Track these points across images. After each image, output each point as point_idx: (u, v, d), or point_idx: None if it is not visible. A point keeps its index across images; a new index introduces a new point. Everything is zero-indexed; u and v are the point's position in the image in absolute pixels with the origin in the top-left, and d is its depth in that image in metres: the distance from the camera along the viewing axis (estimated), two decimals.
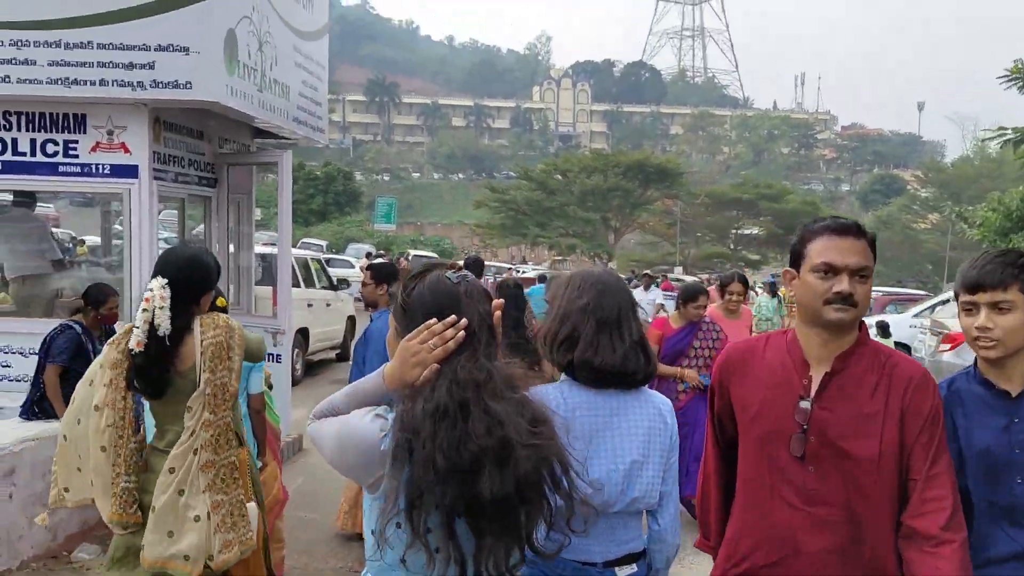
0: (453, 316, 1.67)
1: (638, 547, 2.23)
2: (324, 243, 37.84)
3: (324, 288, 13.59)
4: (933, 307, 14.62)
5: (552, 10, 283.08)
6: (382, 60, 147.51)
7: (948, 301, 14.27)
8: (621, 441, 2.14)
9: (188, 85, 5.53)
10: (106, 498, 2.82)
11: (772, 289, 15.29)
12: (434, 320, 1.68)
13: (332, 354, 13.51)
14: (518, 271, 31.93)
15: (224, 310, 3.79)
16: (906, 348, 13.44)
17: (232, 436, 2.87)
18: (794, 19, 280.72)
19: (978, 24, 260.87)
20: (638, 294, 15.12)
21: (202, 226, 7.42)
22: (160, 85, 5.52)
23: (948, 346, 10.60)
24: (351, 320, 14.14)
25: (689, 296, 5.80)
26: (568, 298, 2.21)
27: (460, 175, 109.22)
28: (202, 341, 2.78)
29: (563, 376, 2.21)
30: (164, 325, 2.70)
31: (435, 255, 38.17)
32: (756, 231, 58.36)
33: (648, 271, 38.07)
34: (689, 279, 40.50)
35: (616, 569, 2.17)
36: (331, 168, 46.55)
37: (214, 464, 2.79)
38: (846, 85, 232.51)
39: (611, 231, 53.18)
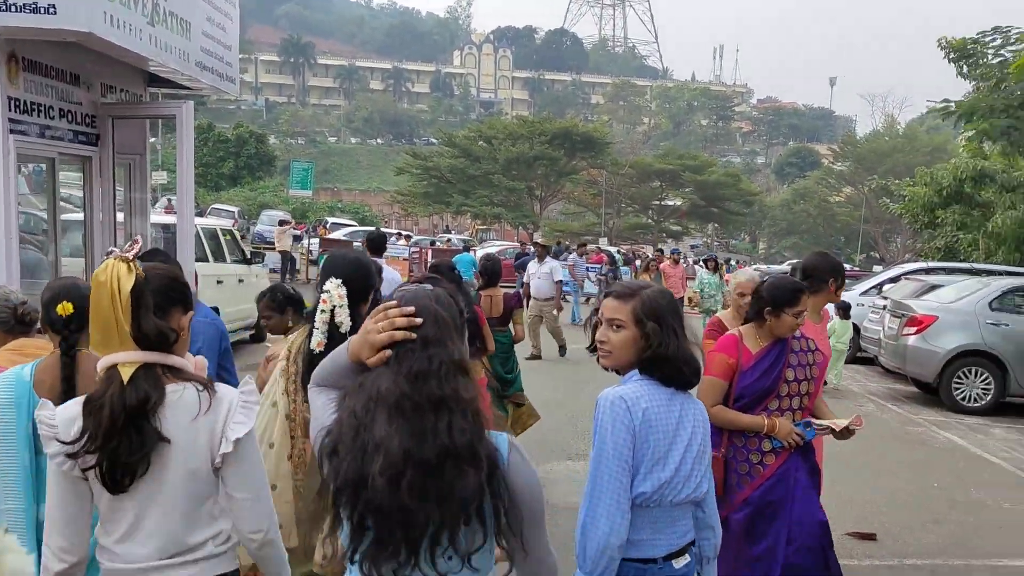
0: (411, 308, 1.71)
1: (691, 536, 2.36)
2: (236, 209, 35.86)
3: (237, 262, 12.27)
4: (880, 285, 14.11)
5: None
6: (297, 20, 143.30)
7: (898, 279, 13.82)
8: (689, 435, 2.28)
9: (51, 9, 4.22)
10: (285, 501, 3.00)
11: (714, 264, 14.66)
12: (394, 304, 1.73)
13: (246, 335, 12.25)
14: (444, 243, 30.79)
15: (70, 319, 2.52)
16: (855, 329, 12.93)
17: None
18: None
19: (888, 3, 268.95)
20: (531, 267, 12.97)
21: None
22: (13, 8, 4.20)
23: (914, 329, 10.01)
24: None
25: (784, 297, 3.30)
26: (654, 309, 2.30)
27: (378, 140, 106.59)
28: None
29: (634, 374, 2.33)
30: (346, 322, 2.80)
31: (354, 223, 36.62)
32: (679, 202, 58.38)
33: (558, 240, 37.30)
34: (613, 249, 40.06)
35: (673, 561, 2.28)
36: (243, 130, 44.10)
37: None
38: (761, 59, 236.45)
39: (536, 200, 52.21)
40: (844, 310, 11.26)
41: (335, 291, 2.80)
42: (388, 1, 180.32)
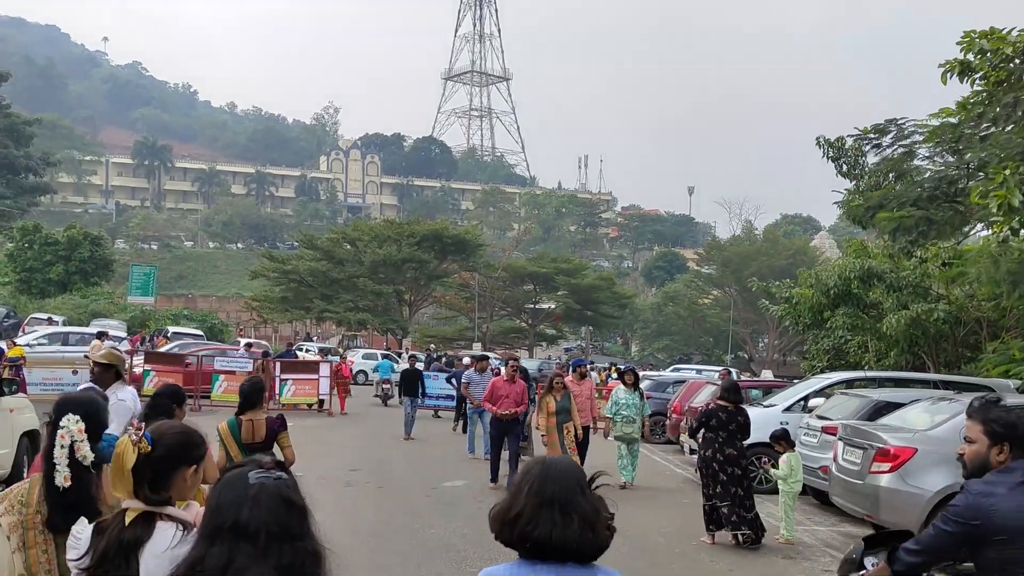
0: None
1: None
2: (61, 319, 31.34)
3: None
4: (805, 399, 12.06)
5: (340, 81, 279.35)
6: (155, 124, 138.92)
7: (827, 392, 11.83)
8: None
9: None
10: None
11: (633, 378, 11.85)
12: None
13: None
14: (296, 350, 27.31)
15: None
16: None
17: None
18: (577, 104, 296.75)
19: (740, 115, 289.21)
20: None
21: None
22: None
23: (887, 466, 7.79)
24: (29, 438, 9.49)
25: None
26: (518, 480, 2.31)
27: (239, 245, 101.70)
28: None
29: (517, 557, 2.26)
30: (89, 455, 2.91)
31: (200, 332, 32.70)
32: (552, 305, 57.09)
33: (428, 348, 33.73)
34: (491, 355, 37.71)
35: None
36: (75, 232, 39.62)
37: None
38: (623, 168, 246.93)
39: (405, 305, 49.31)
40: (785, 439, 8.96)
41: (73, 426, 2.91)
42: (252, 107, 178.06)
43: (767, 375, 23.41)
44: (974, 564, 2.91)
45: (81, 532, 2.44)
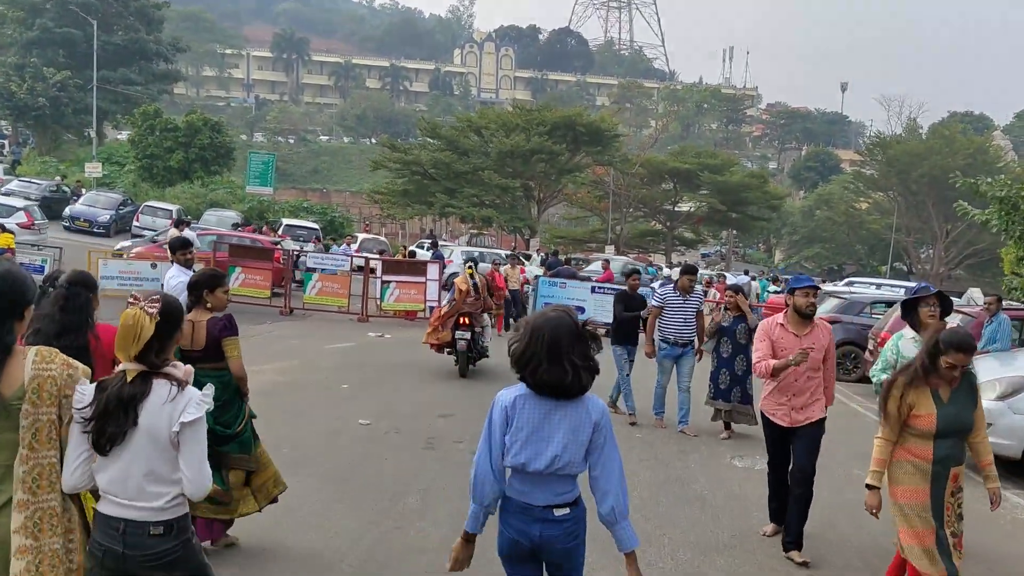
0: None
1: (569, 498, 3.02)
2: (175, 208, 30.29)
3: None
4: None
5: None
6: (297, 18, 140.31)
7: None
8: (551, 430, 2.96)
9: None
10: None
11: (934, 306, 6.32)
12: None
13: None
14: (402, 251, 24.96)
15: None
16: None
17: (56, 479, 2.81)
18: None
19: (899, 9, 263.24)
20: None
21: None
22: None
23: None
24: None
25: None
26: (529, 329, 2.99)
27: (373, 139, 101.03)
28: (32, 370, 2.75)
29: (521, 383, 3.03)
30: None
31: (316, 226, 30.94)
32: (691, 207, 52.68)
33: (555, 250, 30.32)
34: (623, 259, 34.28)
35: (554, 510, 2.98)
36: (194, 118, 38.32)
37: (28, 505, 2.71)
38: (768, 64, 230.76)
39: (533, 202, 46.06)
40: None
41: None
42: (390, 1, 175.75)
43: (976, 294, 18.92)
44: None
45: (85, 388, 2.76)
